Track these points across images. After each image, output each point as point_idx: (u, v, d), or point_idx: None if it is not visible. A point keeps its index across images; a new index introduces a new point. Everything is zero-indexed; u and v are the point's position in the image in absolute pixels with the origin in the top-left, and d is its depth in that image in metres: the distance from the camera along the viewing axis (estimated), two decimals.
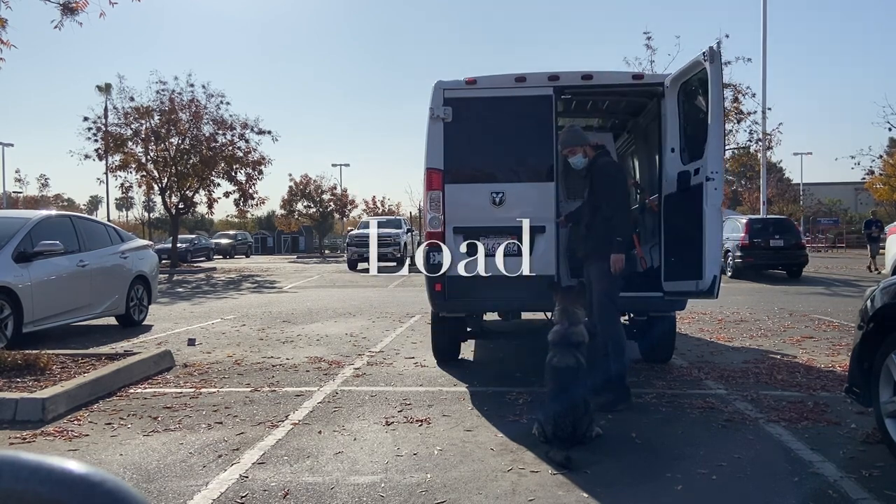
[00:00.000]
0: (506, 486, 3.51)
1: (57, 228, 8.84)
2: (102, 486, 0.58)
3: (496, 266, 6.07)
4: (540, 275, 6.04)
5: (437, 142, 6.12)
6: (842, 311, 10.66)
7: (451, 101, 6.15)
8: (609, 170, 5.43)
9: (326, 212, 47.26)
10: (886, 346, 3.86)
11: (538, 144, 6.18)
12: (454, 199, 6.12)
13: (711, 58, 5.23)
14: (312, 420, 4.81)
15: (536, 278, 6.02)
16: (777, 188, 50.41)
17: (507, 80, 6.28)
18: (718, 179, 5.24)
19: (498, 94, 6.19)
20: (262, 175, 28.50)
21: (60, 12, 7.15)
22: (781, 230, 18.32)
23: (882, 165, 35.01)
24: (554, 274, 6.14)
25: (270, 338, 8.80)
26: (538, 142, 6.17)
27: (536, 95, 6.14)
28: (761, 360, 6.82)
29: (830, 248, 40.42)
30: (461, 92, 6.25)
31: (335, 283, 19.50)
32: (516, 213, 6.10)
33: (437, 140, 6.11)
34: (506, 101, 6.18)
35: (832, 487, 3.44)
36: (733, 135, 23.45)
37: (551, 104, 6.14)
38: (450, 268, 6.07)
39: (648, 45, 22.63)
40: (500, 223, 6.13)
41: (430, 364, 6.82)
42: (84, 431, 4.57)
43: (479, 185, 6.22)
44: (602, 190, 5.35)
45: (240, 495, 3.41)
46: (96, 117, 27.78)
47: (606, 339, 5.22)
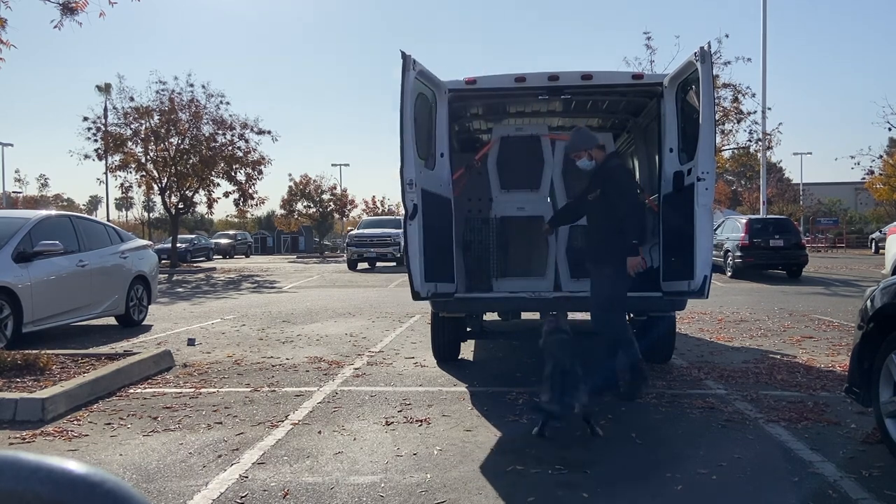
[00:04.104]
0: (506, 486, 3.51)
1: (57, 228, 8.84)
2: (102, 486, 0.58)
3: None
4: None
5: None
6: (842, 311, 10.67)
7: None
8: (620, 173, 5.43)
9: (326, 212, 47.25)
10: (886, 346, 3.86)
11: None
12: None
13: (702, 58, 5.23)
14: (312, 420, 4.81)
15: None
16: (777, 188, 50.44)
17: (506, 80, 6.28)
18: (709, 179, 5.24)
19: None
20: (261, 175, 28.53)
21: (60, 12, 7.14)
22: (781, 230, 18.32)
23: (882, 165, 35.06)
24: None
25: (270, 338, 8.80)
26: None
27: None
28: (761, 360, 6.82)
29: (830, 248, 40.42)
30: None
31: (335, 283, 19.50)
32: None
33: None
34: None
35: (832, 487, 3.44)
36: (733, 135, 23.47)
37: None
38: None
39: (648, 45, 22.64)
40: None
41: (430, 364, 6.82)
42: (84, 431, 4.57)
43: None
44: (614, 194, 5.35)
45: (240, 495, 3.41)
46: (96, 117, 27.77)
47: (614, 336, 5.36)
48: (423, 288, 5.37)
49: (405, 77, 5.24)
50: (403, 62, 5.25)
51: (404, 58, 5.26)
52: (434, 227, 5.58)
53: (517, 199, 7.11)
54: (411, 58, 5.31)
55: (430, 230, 5.49)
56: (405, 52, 5.28)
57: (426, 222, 5.44)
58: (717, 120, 16.48)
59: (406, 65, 5.25)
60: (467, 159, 7.49)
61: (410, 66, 5.29)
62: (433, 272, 5.55)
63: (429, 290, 5.47)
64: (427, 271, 5.42)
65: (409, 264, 5.34)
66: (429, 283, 5.46)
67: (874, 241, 33.99)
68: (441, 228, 5.85)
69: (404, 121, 5.22)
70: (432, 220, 5.58)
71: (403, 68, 5.25)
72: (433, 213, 5.60)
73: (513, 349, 7.72)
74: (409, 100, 5.25)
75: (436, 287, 5.60)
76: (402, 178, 5.26)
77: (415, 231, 5.34)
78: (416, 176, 5.29)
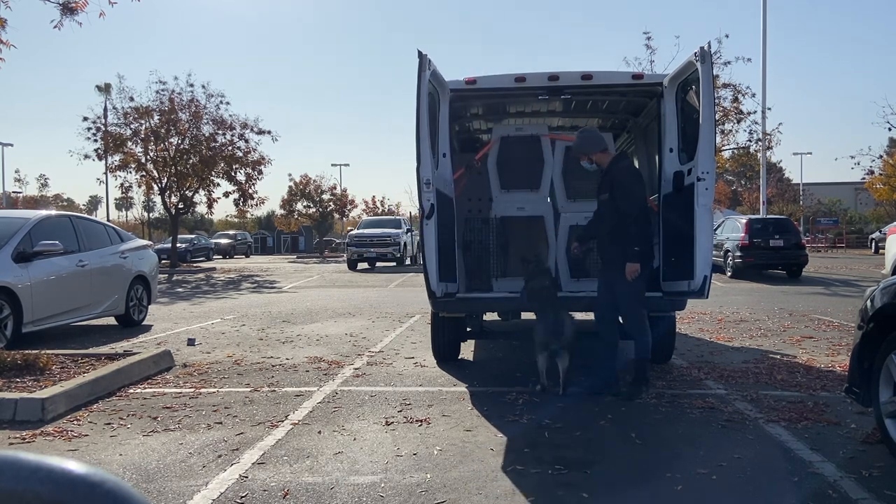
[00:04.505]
0: (506, 486, 3.51)
1: (56, 228, 8.84)
2: (102, 487, 0.58)
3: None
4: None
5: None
6: (842, 311, 10.67)
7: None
8: (626, 176, 5.41)
9: (326, 212, 47.24)
10: (886, 346, 3.86)
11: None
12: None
13: (703, 58, 5.23)
14: (312, 420, 4.81)
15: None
16: (777, 188, 50.43)
17: (506, 80, 6.28)
18: (709, 179, 5.24)
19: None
20: (261, 175, 28.53)
21: (60, 12, 7.15)
22: (781, 230, 18.32)
23: (882, 165, 35.07)
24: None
25: (270, 338, 8.80)
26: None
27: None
28: (761, 360, 6.82)
29: (830, 248, 40.42)
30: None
31: (335, 283, 19.50)
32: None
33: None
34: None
35: (832, 487, 3.44)
36: (733, 135, 23.46)
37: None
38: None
39: (648, 45, 22.64)
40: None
41: (429, 364, 6.82)
42: (84, 431, 4.57)
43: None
44: (619, 198, 5.36)
45: (239, 495, 3.41)
46: (96, 117, 27.77)
47: (635, 336, 5.46)
48: (439, 287, 5.39)
49: (421, 77, 5.23)
50: (420, 62, 5.23)
51: (420, 57, 5.24)
52: (442, 227, 5.59)
53: (517, 199, 7.11)
54: (427, 57, 5.29)
55: (441, 230, 5.50)
56: (422, 52, 5.26)
57: (440, 222, 5.45)
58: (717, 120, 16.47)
59: (422, 64, 5.23)
60: (467, 159, 7.49)
61: (426, 66, 5.27)
62: (445, 272, 5.57)
63: (443, 289, 5.49)
64: (441, 271, 5.44)
65: (426, 264, 5.36)
66: (442, 283, 5.49)
67: (874, 241, 34.00)
68: (446, 228, 5.86)
69: (420, 121, 5.21)
70: (442, 220, 5.59)
71: (420, 68, 5.22)
72: (441, 213, 5.61)
73: (513, 349, 7.72)
74: (424, 100, 5.25)
75: (446, 287, 5.62)
76: (419, 177, 5.26)
77: (431, 231, 5.34)
78: (432, 176, 5.29)
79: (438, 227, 5.42)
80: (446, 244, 5.72)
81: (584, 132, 5.86)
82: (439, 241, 5.43)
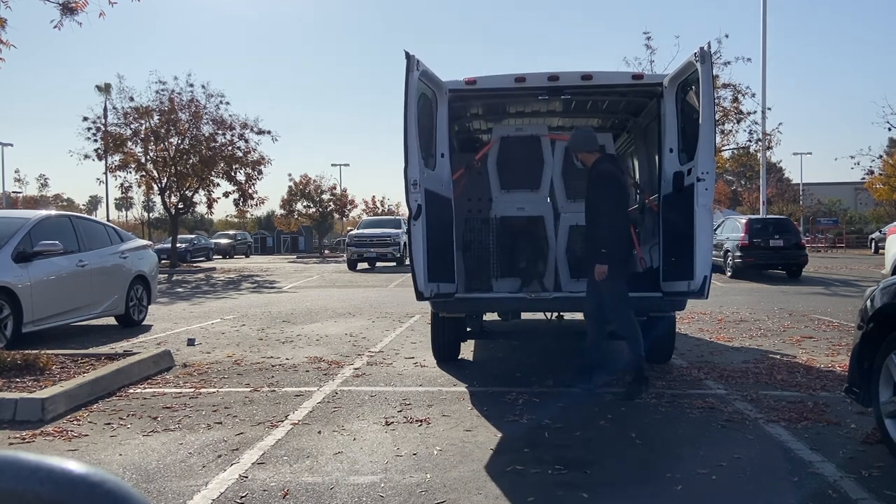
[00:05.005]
0: (506, 486, 3.51)
1: (56, 228, 8.84)
2: (103, 486, 0.58)
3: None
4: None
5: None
6: (842, 311, 10.67)
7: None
8: (603, 179, 5.46)
9: (326, 212, 47.24)
10: (886, 346, 3.86)
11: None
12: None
13: (702, 58, 5.23)
14: (312, 420, 4.81)
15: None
16: (777, 188, 50.44)
17: (506, 80, 6.28)
18: (709, 180, 5.25)
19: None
20: (261, 175, 28.50)
21: (60, 12, 7.14)
22: (781, 230, 18.32)
23: (882, 165, 35.07)
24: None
25: (270, 338, 8.80)
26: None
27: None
28: (761, 360, 6.82)
29: (830, 248, 40.42)
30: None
31: (335, 283, 19.50)
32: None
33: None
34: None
35: (832, 487, 3.44)
36: (733, 135, 23.46)
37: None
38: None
39: (648, 45, 22.64)
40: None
41: (429, 364, 6.82)
42: (84, 431, 4.57)
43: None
44: (591, 198, 5.52)
45: (239, 495, 3.41)
46: (96, 117, 27.74)
47: (624, 336, 5.49)
48: (427, 288, 5.37)
49: (409, 77, 5.23)
50: (407, 62, 5.24)
51: (408, 58, 5.25)
52: (436, 228, 5.58)
53: (517, 199, 7.11)
54: (415, 58, 5.30)
55: (432, 230, 5.49)
56: (409, 53, 5.27)
57: (429, 222, 5.44)
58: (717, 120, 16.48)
59: (410, 65, 5.24)
60: (467, 159, 7.49)
61: (414, 67, 5.28)
62: (436, 272, 5.55)
63: (432, 290, 5.48)
64: (430, 271, 5.42)
65: (413, 264, 5.34)
66: (432, 284, 5.47)
67: (874, 241, 34.00)
68: (442, 229, 5.85)
69: (408, 121, 5.21)
70: (434, 221, 5.58)
71: (407, 69, 5.23)
72: (435, 214, 5.60)
73: (513, 349, 7.72)
74: (412, 100, 5.25)
75: (438, 287, 5.61)
76: (407, 178, 5.26)
77: (419, 231, 5.34)
78: (419, 176, 5.29)
79: (428, 228, 5.41)
80: (439, 244, 5.71)
81: (578, 131, 5.88)
82: (429, 241, 5.42)
